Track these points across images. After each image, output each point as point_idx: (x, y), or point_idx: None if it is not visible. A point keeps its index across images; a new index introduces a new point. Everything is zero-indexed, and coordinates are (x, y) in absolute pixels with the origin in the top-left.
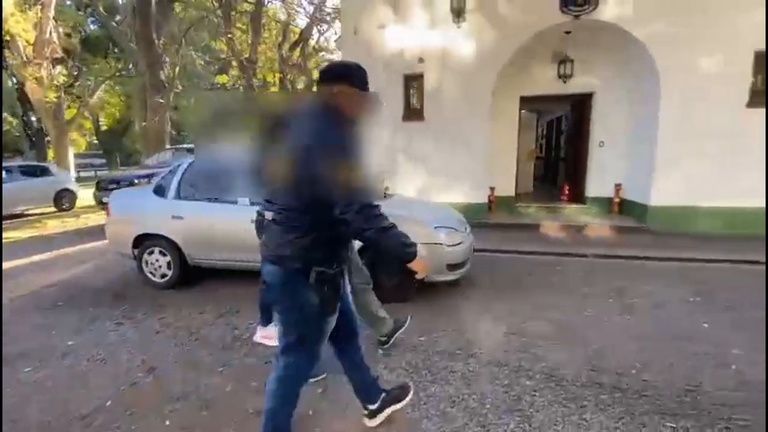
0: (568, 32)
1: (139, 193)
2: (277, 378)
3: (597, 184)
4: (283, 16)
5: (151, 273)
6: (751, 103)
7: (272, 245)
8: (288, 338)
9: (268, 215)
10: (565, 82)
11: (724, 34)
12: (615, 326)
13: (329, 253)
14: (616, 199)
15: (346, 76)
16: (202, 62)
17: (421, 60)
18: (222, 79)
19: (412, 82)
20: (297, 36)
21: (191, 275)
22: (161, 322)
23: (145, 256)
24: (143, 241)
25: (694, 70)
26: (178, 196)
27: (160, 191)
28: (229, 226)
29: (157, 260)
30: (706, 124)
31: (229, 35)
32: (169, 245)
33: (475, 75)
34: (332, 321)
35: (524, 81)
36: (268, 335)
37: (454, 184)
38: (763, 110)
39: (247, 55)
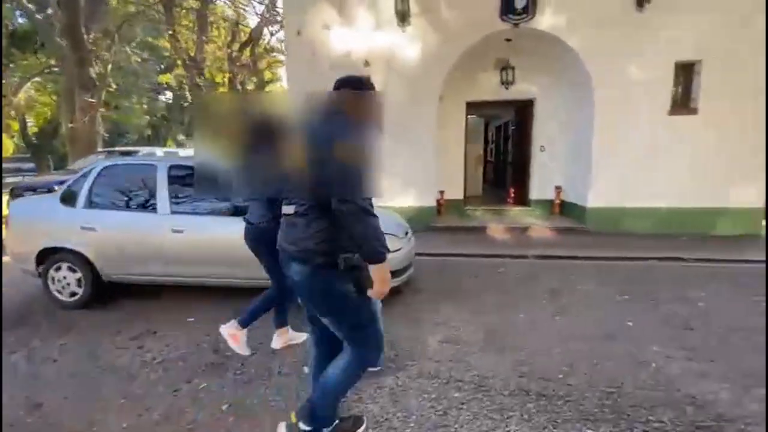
0: (509, 40)
1: (44, 202)
2: (347, 361)
3: (540, 187)
4: (232, 15)
5: (58, 291)
6: (673, 111)
7: (297, 239)
8: (346, 333)
9: (290, 209)
10: (507, 88)
11: (649, 46)
12: (547, 328)
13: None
14: (557, 201)
15: (349, 83)
16: (139, 59)
17: (367, 63)
18: (165, 78)
19: None
20: (247, 36)
21: (106, 293)
22: (62, 348)
23: (51, 272)
24: (49, 256)
25: (623, 79)
26: (90, 204)
27: (68, 199)
28: (148, 237)
29: (65, 277)
30: (635, 130)
31: (170, 32)
32: (79, 260)
33: (421, 79)
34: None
35: (470, 87)
36: (236, 337)
37: (403, 188)
38: (683, 117)
39: (192, 54)
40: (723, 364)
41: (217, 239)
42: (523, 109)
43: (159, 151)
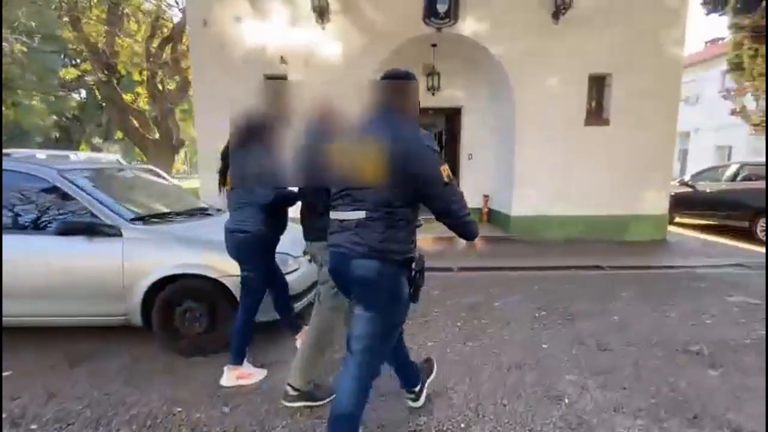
0: (434, 45)
1: None
2: (357, 377)
3: (469, 195)
4: (152, 7)
5: None
6: (588, 122)
7: (372, 240)
8: (378, 331)
9: (359, 214)
10: (433, 94)
11: (565, 58)
12: (456, 359)
13: (415, 242)
14: (485, 210)
15: (399, 75)
16: (25, 48)
17: (283, 60)
18: (68, 73)
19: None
20: (169, 31)
21: None
22: None
23: None
24: None
25: (543, 89)
26: None
27: None
28: None
29: None
30: (554, 140)
31: (67, 18)
32: None
33: (342, 80)
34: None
35: None
36: (243, 374)
37: None
38: (597, 128)
39: (99, 45)
40: (637, 391)
41: (35, 265)
42: (453, 117)
43: (41, 155)
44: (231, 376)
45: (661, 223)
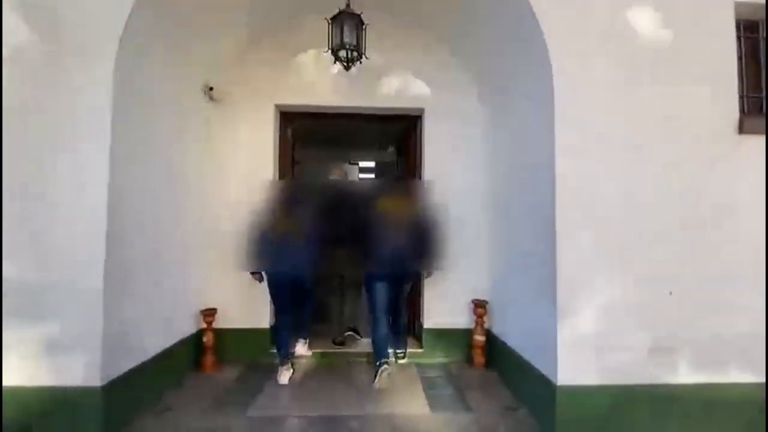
0: None
1: None
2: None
3: (441, 299)
4: None
5: None
6: (745, 129)
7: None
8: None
9: None
10: (347, 68)
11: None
12: None
13: None
14: (479, 338)
15: None
16: None
17: None
18: None
19: None
20: None
21: None
22: None
23: None
24: None
25: (618, 52)
26: None
27: None
28: None
29: None
30: (672, 167)
31: None
32: None
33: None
34: None
35: (279, 81)
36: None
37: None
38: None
39: None
40: None
41: None
42: (403, 133)
43: None
44: (302, 349)
45: None
